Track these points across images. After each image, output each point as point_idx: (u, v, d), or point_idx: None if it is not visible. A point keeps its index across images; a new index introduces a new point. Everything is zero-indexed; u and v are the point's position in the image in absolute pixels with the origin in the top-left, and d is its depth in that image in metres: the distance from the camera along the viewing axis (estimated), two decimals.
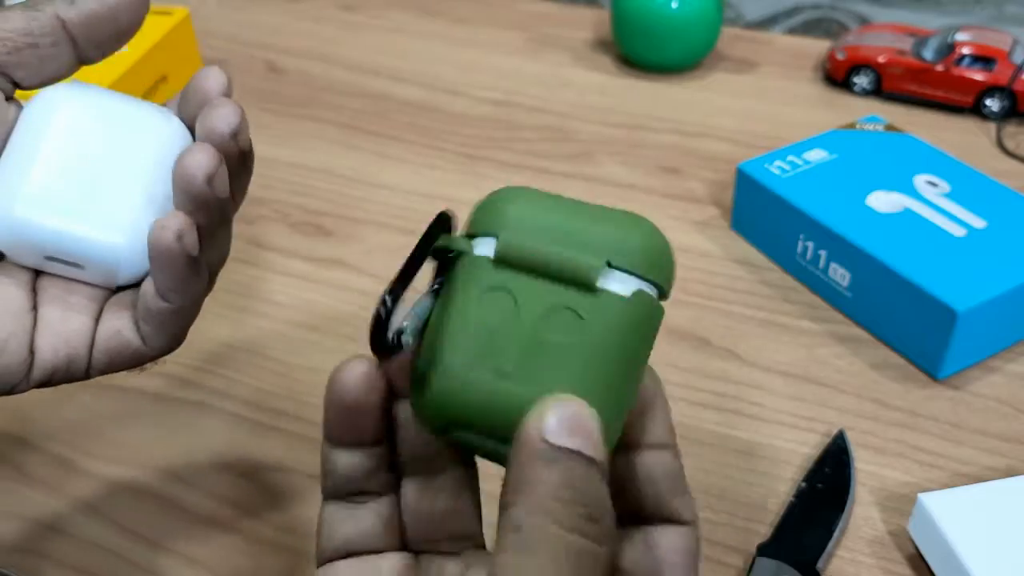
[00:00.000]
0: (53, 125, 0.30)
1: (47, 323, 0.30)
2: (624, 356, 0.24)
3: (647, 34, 0.75)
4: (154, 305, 0.29)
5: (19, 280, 0.30)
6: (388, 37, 0.86)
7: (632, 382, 0.24)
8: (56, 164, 0.29)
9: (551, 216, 0.25)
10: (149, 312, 0.30)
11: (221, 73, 0.31)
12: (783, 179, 0.57)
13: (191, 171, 0.28)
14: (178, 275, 0.29)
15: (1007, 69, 0.69)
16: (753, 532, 0.43)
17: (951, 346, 0.48)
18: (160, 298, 0.29)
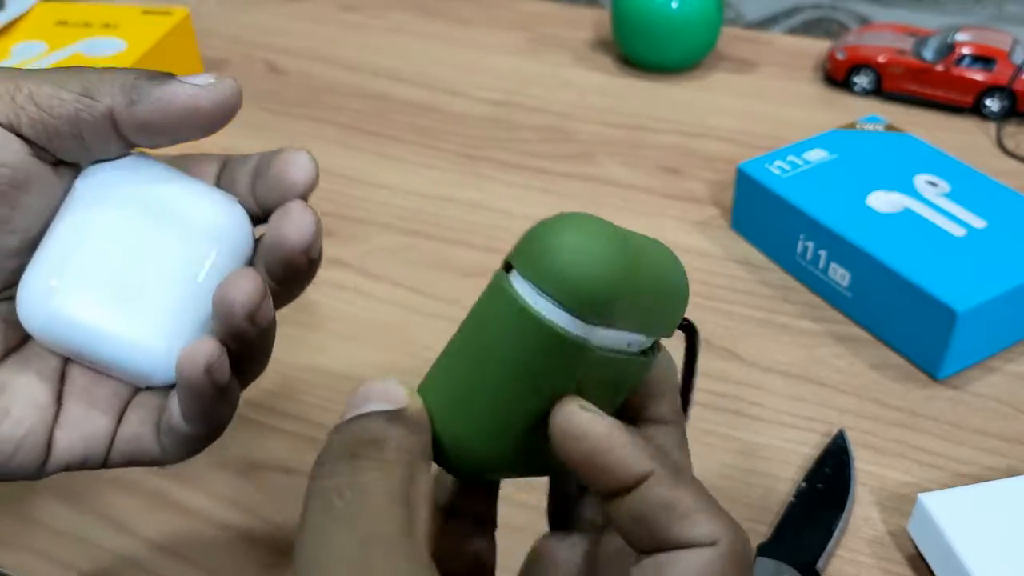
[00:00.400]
0: (103, 206, 0.28)
1: (69, 419, 0.29)
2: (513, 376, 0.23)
3: (647, 34, 0.75)
4: (177, 425, 0.28)
5: (47, 368, 0.29)
6: (388, 37, 0.86)
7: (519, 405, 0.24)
8: (102, 252, 0.27)
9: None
10: (171, 429, 0.29)
11: (310, 162, 0.28)
12: (783, 179, 0.57)
13: (230, 301, 0.26)
14: (204, 404, 0.27)
15: (1007, 69, 0.69)
16: (753, 532, 0.43)
17: (951, 346, 0.48)
18: (184, 421, 0.28)
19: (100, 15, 0.76)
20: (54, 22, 0.76)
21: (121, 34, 0.73)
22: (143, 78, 0.27)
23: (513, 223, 0.62)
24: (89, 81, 0.27)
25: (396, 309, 0.55)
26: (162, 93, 0.27)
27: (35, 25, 0.75)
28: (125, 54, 0.71)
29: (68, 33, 0.74)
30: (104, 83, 0.27)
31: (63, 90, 0.27)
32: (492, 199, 0.65)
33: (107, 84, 0.27)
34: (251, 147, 0.75)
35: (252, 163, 0.30)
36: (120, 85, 0.27)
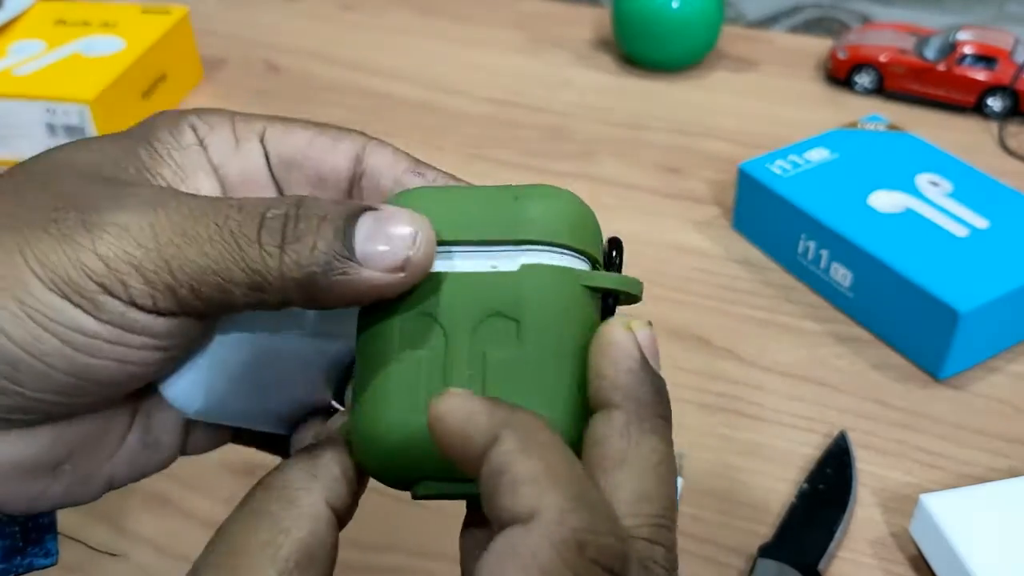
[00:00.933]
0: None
1: (197, 433, 0.29)
2: (569, 344, 0.23)
3: (648, 33, 0.75)
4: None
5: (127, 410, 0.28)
6: (387, 36, 0.86)
7: (583, 359, 0.23)
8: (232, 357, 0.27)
9: (455, 213, 0.24)
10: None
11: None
12: (784, 179, 0.57)
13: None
14: None
15: (1009, 68, 0.69)
16: (754, 533, 0.42)
17: (953, 346, 0.48)
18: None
19: (99, 14, 0.76)
20: (53, 21, 0.75)
21: (120, 33, 0.73)
22: (320, 265, 0.22)
23: None
24: (257, 271, 0.22)
25: None
26: (346, 286, 0.22)
27: (34, 24, 0.75)
28: (124, 53, 0.70)
29: (67, 32, 0.74)
30: (274, 276, 0.22)
31: (230, 284, 0.22)
32: None
33: (278, 279, 0.22)
34: None
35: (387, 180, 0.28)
36: (295, 281, 0.22)
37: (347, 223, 0.22)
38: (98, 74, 0.68)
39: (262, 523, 0.22)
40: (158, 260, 0.22)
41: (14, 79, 0.67)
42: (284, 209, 0.22)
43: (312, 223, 0.22)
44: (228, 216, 0.22)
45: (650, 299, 0.57)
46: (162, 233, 0.22)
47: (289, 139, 0.28)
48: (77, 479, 0.26)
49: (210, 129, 0.27)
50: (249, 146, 0.27)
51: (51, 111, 0.66)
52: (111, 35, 0.73)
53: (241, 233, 0.22)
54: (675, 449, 0.39)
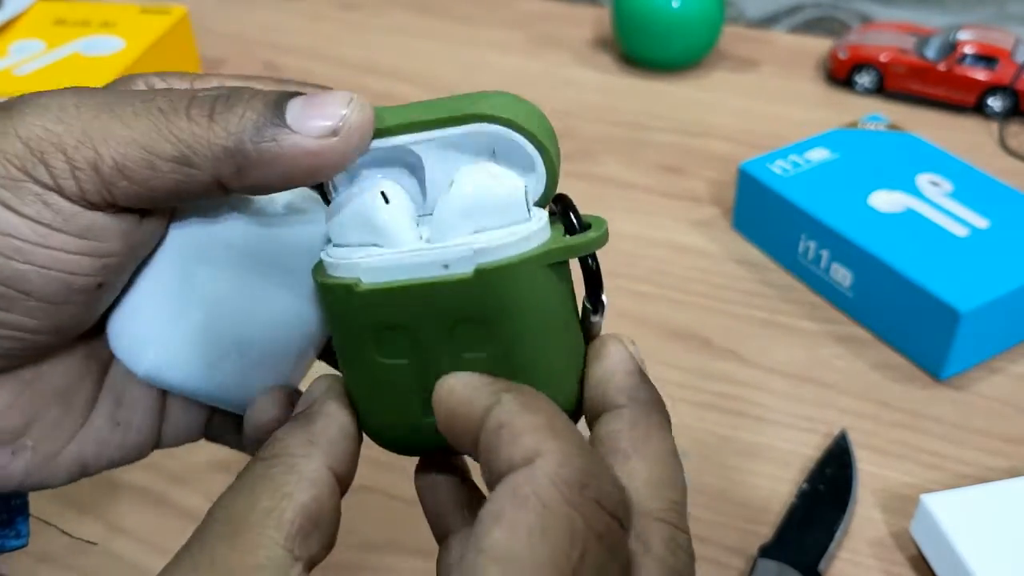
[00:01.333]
0: (202, 262, 0.26)
1: (171, 417, 0.29)
2: (546, 331, 0.23)
3: (648, 33, 0.75)
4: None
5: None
6: (388, 36, 0.86)
7: (567, 332, 0.24)
8: (200, 308, 0.26)
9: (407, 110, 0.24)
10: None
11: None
12: (785, 178, 0.57)
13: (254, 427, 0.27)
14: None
15: (1010, 68, 0.69)
16: (755, 533, 0.42)
17: (954, 347, 0.48)
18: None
19: (98, 14, 0.76)
20: (52, 21, 0.75)
21: (119, 33, 0.73)
22: (248, 132, 0.21)
23: None
24: (184, 140, 0.21)
25: None
26: (276, 153, 0.22)
27: (33, 23, 0.75)
28: (123, 53, 0.70)
29: (66, 32, 0.73)
30: (202, 145, 0.21)
31: (156, 157, 0.21)
32: None
33: (206, 147, 0.21)
34: None
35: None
36: (223, 149, 0.21)
37: (280, 97, 0.22)
38: (98, 74, 0.68)
39: (263, 491, 0.21)
40: (80, 135, 0.21)
41: (14, 79, 0.67)
42: (216, 91, 0.22)
43: (244, 96, 0.22)
44: (156, 95, 0.22)
45: (650, 299, 0.57)
46: (85, 110, 0.21)
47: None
48: (40, 457, 0.25)
49: (166, 86, 0.26)
50: None
51: None
52: (110, 35, 0.73)
53: (169, 108, 0.21)
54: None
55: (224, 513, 0.21)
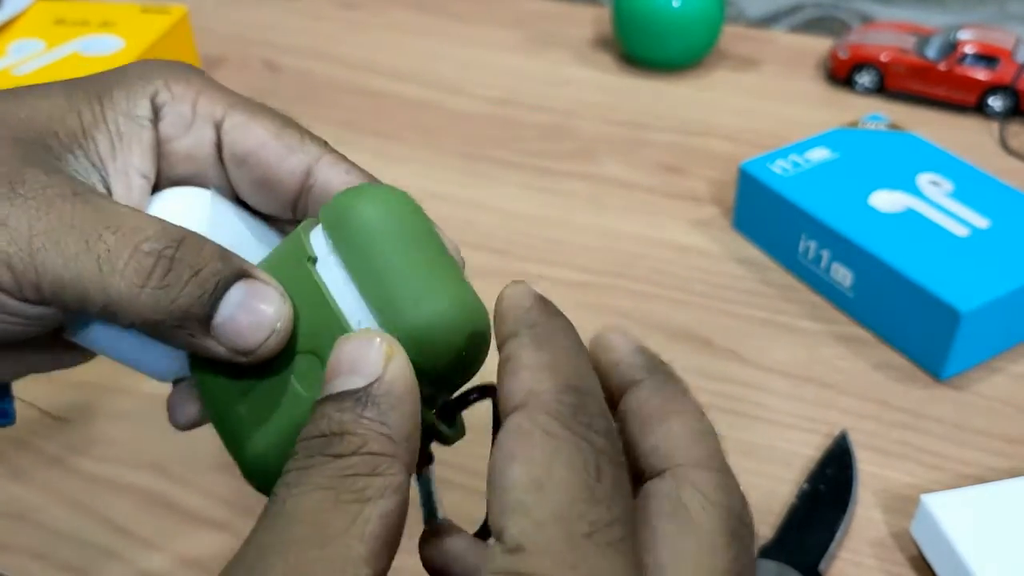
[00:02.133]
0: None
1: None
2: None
3: (648, 32, 0.75)
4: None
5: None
6: (387, 35, 0.86)
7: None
8: None
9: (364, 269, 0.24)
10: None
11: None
12: (785, 178, 0.57)
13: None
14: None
15: (1010, 68, 0.69)
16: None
17: (954, 346, 0.48)
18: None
19: (98, 13, 0.76)
20: (52, 20, 0.75)
21: (119, 32, 0.73)
22: (171, 319, 0.23)
23: (513, 222, 0.62)
24: (111, 296, 0.23)
25: None
26: (185, 343, 0.24)
27: (33, 23, 0.75)
28: (123, 52, 0.70)
29: (66, 31, 0.73)
30: (124, 307, 0.23)
31: (86, 300, 0.23)
32: (492, 198, 0.64)
33: (129, 311, 0.23)
34: None
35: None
36: (143, 319, 0.23)
37: (215, 287, 0.23)
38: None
39: (346, 494, 0.20)
40: (27, 261, 0.23)
41: (13, 79, 0.67)
42: (161, 246, 0.23)
43: (183, 274, 0.23)
44: (101, 237, 0.23)
45: (650, 299, 0.57)
46: (36, 236, 0.23)
47: (246, 135, 0.27)
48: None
49: (171, 99, 0.27)
50: (203, 129, 0.27)
51: None
52: (110, 35, 0.73)
53: (107, 259, 0.22)
54: None
55: (303, 513, 0.20)
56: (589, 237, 0.60)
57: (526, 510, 0.19)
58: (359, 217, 0.23)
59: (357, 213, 0.24)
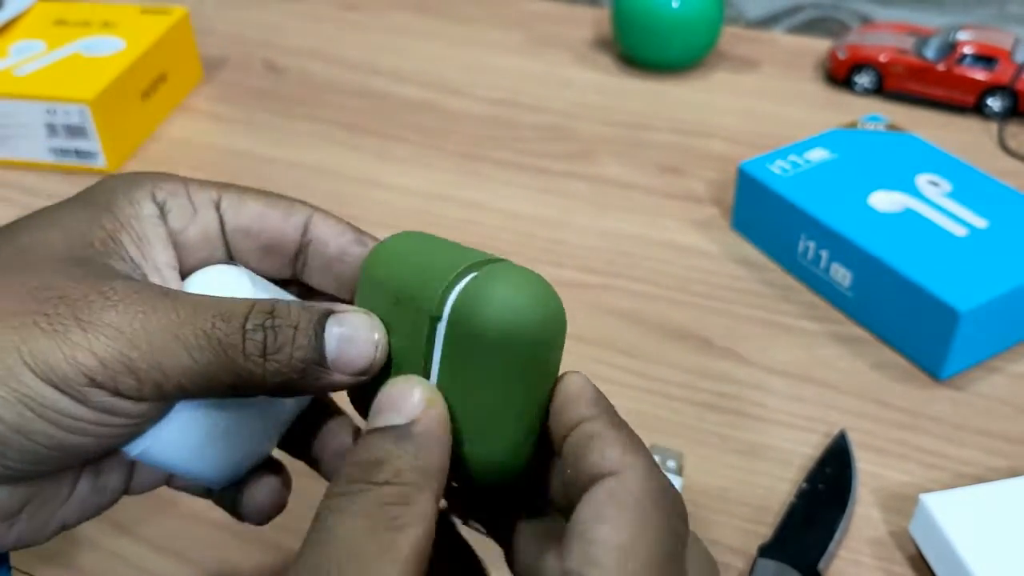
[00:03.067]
0: None
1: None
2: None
3: (648, 33, 0.75)
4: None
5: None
6: (388, 36, 0.86)
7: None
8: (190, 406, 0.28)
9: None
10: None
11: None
12: (784, 178, 0.57)
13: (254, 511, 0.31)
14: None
15: (1009, 68, 0.69)
16: (754, 533, 0.42)
17: (953, 346, 0.48)
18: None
19: (99, 14, 0.76)
20: (53, 21, 0.75)
21: (120, 33, 0.73)
22: (296, 371, 0.26)
23: (513, 222, 0.62)
24: (241, 375, 0.26)
25: None
26: (316, 388, 0.26)
27: (34, 24, 0.75)
28: (124, 53, 0.70)
29: (67, 32, 0.74)
30: (256, 381, 0.26)
31: (214, 383, 0.25)
32: (492, 199, 0.64)
33: (260, 383, 0.26)
34: (249, 146, 0.75)
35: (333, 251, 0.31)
36: (273, 385, 0.26)
37: (316, 333, 0.25)
38: (98, 74, 0.68)
39: (379, 521, 0.22)
40: (151, 361, 0.24)
41: (14, 79, 0.67)
42: (262, 320, 0.25)
43: (288, 334, 0.25)
44: (214, 325, 0.25)
45: (650, 299, 0.57)
46: (155, 337, 0.24)
47: (243, 210, 0.30)
48: (31, 527, 0.28)
49: (167, 196, 0.29)
50: (207, 213, 0.29)
51: (51, 111, 0.66)
52: (111, 35, 0.73)
53: (228, 343, 0.25)
54: (675, 449, 0.40)
55: (344, 538, 0.22)
56: (589, 237, 0.60)
57: (607, 569, 0.22)
58: (483, 328, 0.24)
59: (485, 323, 0.24)
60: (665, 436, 0.47)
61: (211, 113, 0.75)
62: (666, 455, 0.44)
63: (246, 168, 0.68)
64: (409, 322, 0.26)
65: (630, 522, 0.22)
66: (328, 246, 0.30)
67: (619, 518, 0.22)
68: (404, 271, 0.27)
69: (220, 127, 0.73)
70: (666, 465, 0.44)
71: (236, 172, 0.68)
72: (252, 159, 0.69)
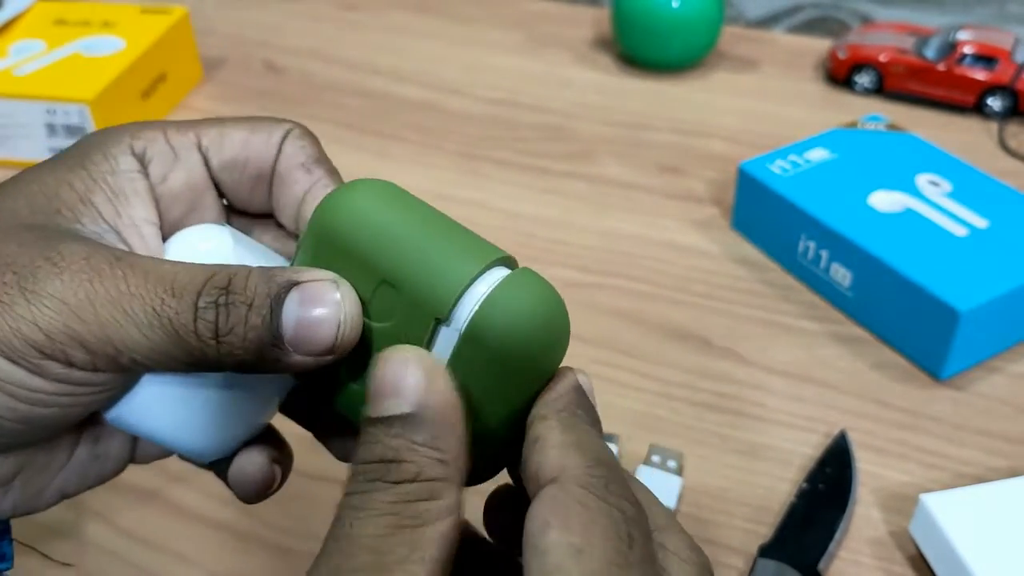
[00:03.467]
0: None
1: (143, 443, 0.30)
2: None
3: (648, 33, 0.75)
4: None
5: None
6: (388, 36, 0.86)
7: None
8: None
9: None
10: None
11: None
12: (784, 178, 0.57)
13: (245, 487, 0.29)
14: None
15: (1009, 68, 0.69)
16: (754, 533, 0.42)
17: (953, 346, 0.48)
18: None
19: (99, 14, 0.76)
20: (53, 21, 0.75)
21: (120, 33, 0.73)
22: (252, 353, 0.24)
23: (513, 222, 0.62)
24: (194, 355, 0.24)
25: None
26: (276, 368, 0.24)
27: (34, 23, 0.75)
28: (124, 53, 0.70)
29: (67, 32, 0.74)
30: (211, 360, 0.24)
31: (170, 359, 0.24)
32: (492, 198, 0.64)
33: (215, 362, 0.24)
34: None
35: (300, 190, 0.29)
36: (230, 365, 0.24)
37: (272, 310, 0.23)
38: (98, 74, 0.68)
39: (405, 521, 0.21)
40: (100, 335, 0.23)
41: (14, 79, 0.67)
42: (215, 296, 0.23)
43: (240, 312, 0.23)
44: (164, 302, 0.23)
45: (650, 299, 0.57)
46: (102, 309, 0.23)
47: (225, 143, 0.28)
48: (27, 494, 0.27)
49: (147, 144, 0.27)
50: (190, 156, 0.28)
51: (51, 111, 0.66)
52: (111, 35, 0.73)
53: (179, 323, 0.23)
54: (675, 449, 0.40)
55: (367, 538, 0.21)
56: (589, 237, 0.60)
57: (566, 573, 0.20)
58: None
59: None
60: (665, 436, 0.47)
61: (211, 113, 0.75)
62: (666, 455, 0.44)
63: None
64: (400, 313, 0.24)
65: (577, 523, 0.21)
66: (294, 184, 0.28)
67: (565, 522, 0.21)
68: (388, 245, 0.24)
69: None
70: (666, 465, 0.44)
71: None
72: None
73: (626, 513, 0.22)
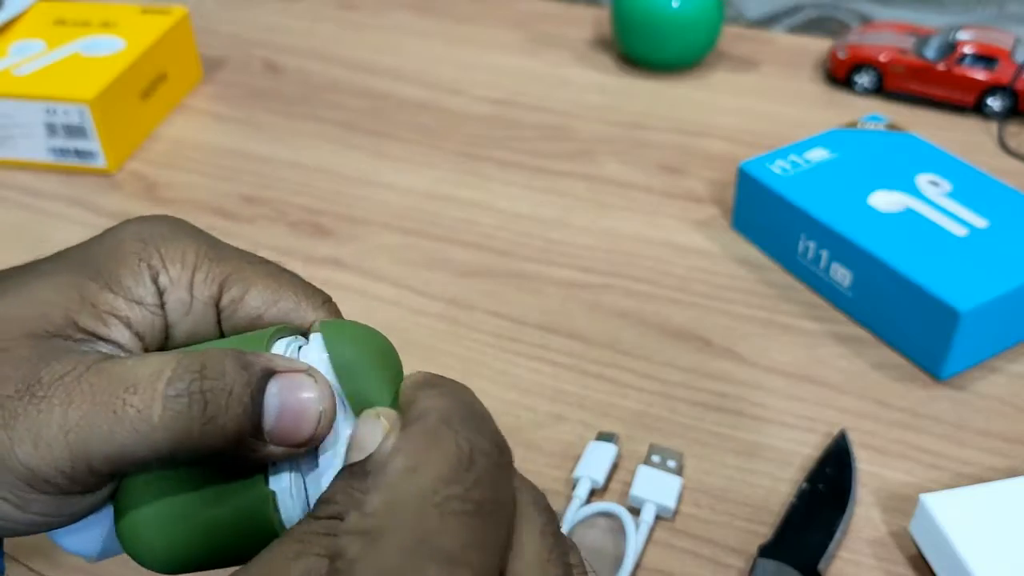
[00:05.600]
0: None
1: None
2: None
3: (648, 33, 0.75)
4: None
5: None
6: (387, 36, 0.86)
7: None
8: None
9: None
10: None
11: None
12: (784, 178, 0.57)
13: None
14: None
15: (1009, 68, 0.69)
16: (754, 533, 0.42)
17: (953, 346, 0.48)
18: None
19: (99, 14, 0.76)
20: (53, 21, 0.75)
21: (120, 33, 0.73)
22: (231, 445, 0.23)
23: (513, 222, 0.62)
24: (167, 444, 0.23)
25: (395, 308, 0.55)
26: (253, 459, 0.24)
27: (34, 24, 0.75)
28: (124, 53, 0.70)
29: (67, 32, 0.74)
30: (186, 449, 0.23)
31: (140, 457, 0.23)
32: (492, 198, 0.64)
33: (191, 451, 0.23)
34: (249, 146, 0.75)
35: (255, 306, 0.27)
36: (206, 454, 0.23)
37: (254, 398, 0.23)
38: (98, 74, 0.68)
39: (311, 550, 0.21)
40: (80, 459, 0.22)
41: (14, 79, 0.67)
42: (186, 383, 0.22)
43: (220, 400, 0.22)
44: (125, 401, 0.22)
45: (650, 299, 0.57)
46: (70, 434, 0.22)
47: (241, 310, 0.27)
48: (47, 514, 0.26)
49: (170, 284, 0.26)
50: (203, 312, 0.27)
51: (51, 111, 0.66)
52: (111, 35, 0.73)
53: (141, 418, 0.22)
54: (675, 449, 0.40)
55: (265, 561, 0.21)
56: (589, 237, 0.60)
57: (392, 487, 0.20)
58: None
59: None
60: (665, 436, 0.47)
61: (211, 113, 0.75)
62: (666, 455, 0.44)
63: (246, 168, 0.68)
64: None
65: (416, 447, 0.21)
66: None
67: (408, 446, 0.21)
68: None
69: (220, 127, 0.73)
70: (666, 465, 0.44)
71: (235, 172, 0.68)
72: (252, 159, 0.69)
73: (474, 442, 0.21)
